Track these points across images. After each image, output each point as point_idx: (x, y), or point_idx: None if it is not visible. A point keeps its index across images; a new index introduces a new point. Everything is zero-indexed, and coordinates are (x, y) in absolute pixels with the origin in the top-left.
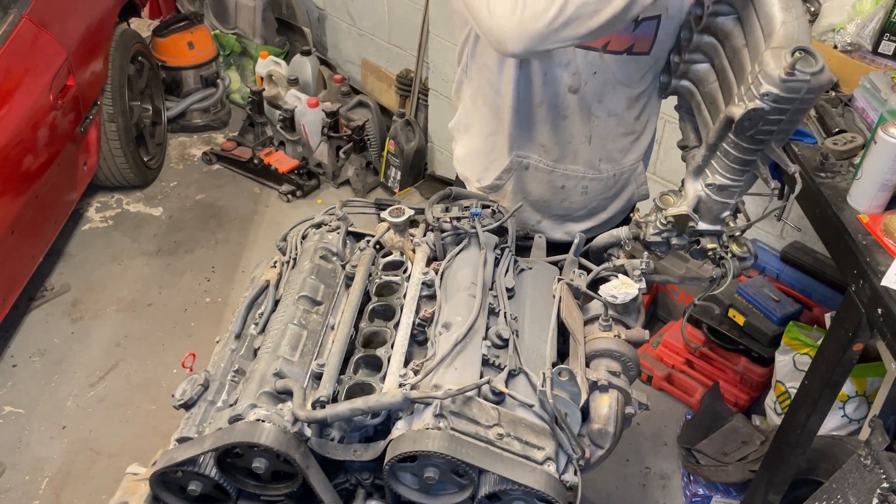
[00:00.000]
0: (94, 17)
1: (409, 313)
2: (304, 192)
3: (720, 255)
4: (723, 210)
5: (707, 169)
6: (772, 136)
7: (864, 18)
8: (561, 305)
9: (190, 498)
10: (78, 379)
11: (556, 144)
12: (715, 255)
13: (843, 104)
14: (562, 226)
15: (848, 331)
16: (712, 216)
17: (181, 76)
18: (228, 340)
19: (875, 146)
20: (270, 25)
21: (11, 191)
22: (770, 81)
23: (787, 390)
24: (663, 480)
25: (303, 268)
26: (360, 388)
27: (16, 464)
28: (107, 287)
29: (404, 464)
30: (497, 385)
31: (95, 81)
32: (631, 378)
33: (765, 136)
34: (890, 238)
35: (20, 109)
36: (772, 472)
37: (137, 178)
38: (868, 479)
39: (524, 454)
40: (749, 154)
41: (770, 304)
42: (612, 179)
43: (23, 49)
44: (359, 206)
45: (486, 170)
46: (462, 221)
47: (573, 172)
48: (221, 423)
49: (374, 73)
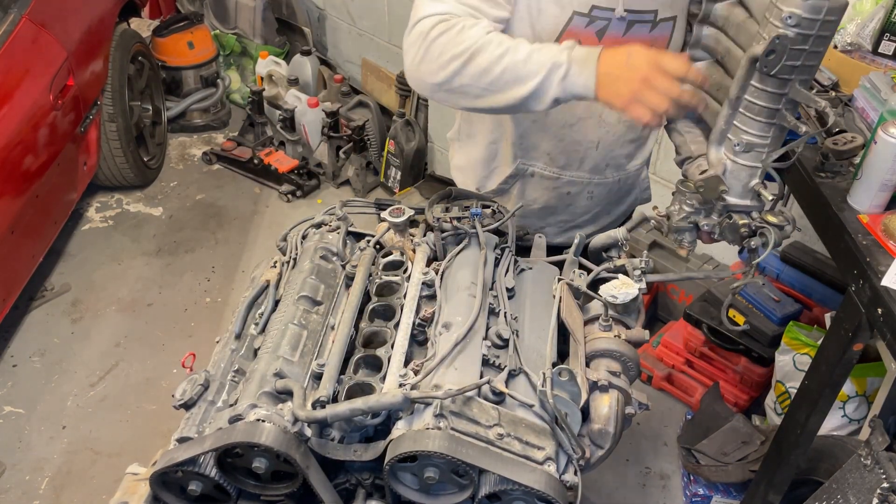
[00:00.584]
0: (94, 17)
1: (410, 313)
2: (304, 192)
3: (756, 226)
4: (751, 177)
5: (730, 131)
6: (795, 73)
7: (864, 18)
8: (561, 305)
9: (190, 498)
10: (78, 379)
11: (563, 152)
12: (749, 228)
13: (843, 104)
14: (565, 232)
15: (848, 331)
16: (741, 187)
17: (181, 76)
18: (228, 340)
19: (875, 146)
20: (270, 25)
21: (11, 191)
22: (792, 3)
23: (787, 390)
24: (663, 480)
25: (303, 268)
26: (360, 388)
27: (16, 464)
28: (107, 287)
29: (404, 464)
30: (497, 385)
31: (95, 81)
32: (631, 378)
33: (788, 74)
34: (890, 238)
35: (20, 109)
36: (772, 472)
37: (137, 178)
38: (868, 479)
39: (524, 454)
40: (774, 101)
41: (770, 304)
42: (616, 184)
43: (23, 49)
44: (359, 206)
45: (488, 177)
46: (462, 221)
47: (579, 178)
48: (221, 423)
49: (374, 73)
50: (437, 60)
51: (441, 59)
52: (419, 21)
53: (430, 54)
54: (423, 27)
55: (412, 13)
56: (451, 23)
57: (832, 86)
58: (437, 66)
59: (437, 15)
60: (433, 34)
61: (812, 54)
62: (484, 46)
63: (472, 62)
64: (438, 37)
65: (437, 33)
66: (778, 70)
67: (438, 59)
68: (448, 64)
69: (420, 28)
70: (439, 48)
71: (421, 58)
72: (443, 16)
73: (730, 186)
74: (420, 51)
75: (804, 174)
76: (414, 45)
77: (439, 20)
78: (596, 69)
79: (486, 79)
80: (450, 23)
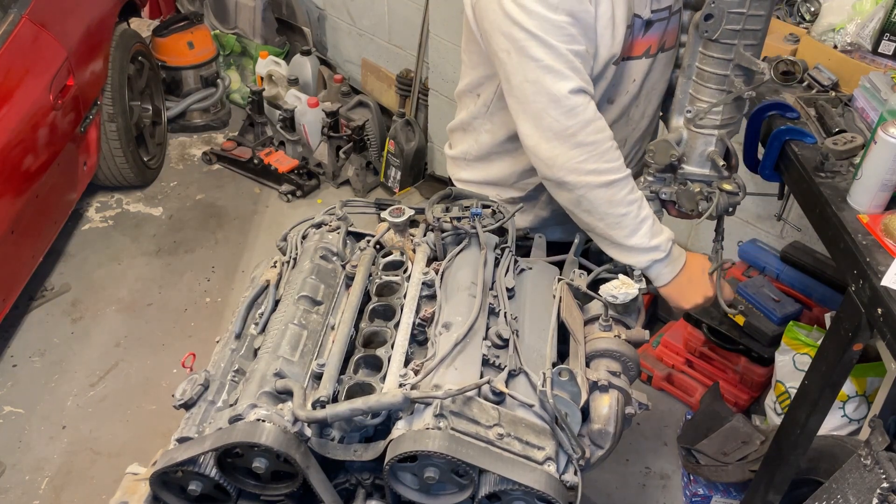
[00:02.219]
0: (94, 17)
1: (410, 313)
2: (304, 192)
3: (708, 191)
4: (706, 145)
5: (685, 100)
6: (738, 38)
7: (864, 18)
8: (561, 305)
9: (190, 498)
10: (78, 379)
11: None
12: (703, 195)
13: (843, 104)
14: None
15: (848, 331)
16: (697, 155)
17: (181, 76)
18: (228, 340)
19: (875, 146)
20: (270, 25)
21: (11, 191)
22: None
23: (787, 390)
24: (663, 480)
25: (303, 268)
26: (361, 388)
27: (16, 464)
28: (107, 287)
29: (404, 464)
30: (497, 385)
31: (95, 81)
32: (631, 378)
33: (730, 38)
34: (890, 238)
35: (20, 109)
36: (772, 472)
37: (137, 178)
38: (868, 479)
39: (524, 454)
40: (721, 66)
41: (770, 304)
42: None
43: (23, 49)
44: (359, 206)
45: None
46: (462, 221)
47: None
48: (221, 423)
49: (374, 73)
50: (577, 160)
51: (585, 165)
52: (568, 97)
53: (574, 151)
54: (575, 105)
55: (533, 79)
56: (601, 125)
57: (832, 86)
58: (575, 164)
59: (585, 94)
60: (589, 130)
61: (752, 18)
62: (622, 181)
63: (608, 189)
64: (592, 135)
65: (593, 131)
66: (719, 35)
67: (579, 162)
68: (587, 175)
69: (572, 105)
70: (586, 152)
71: (563, 145)
72: (588, 96)
73: (687, 155)
74: (567, 139)
75: (804, 174)
76: (563, 125)
77: (594, 112)
78: (678, 275)
79: (604, 209)
80: (600, 125)
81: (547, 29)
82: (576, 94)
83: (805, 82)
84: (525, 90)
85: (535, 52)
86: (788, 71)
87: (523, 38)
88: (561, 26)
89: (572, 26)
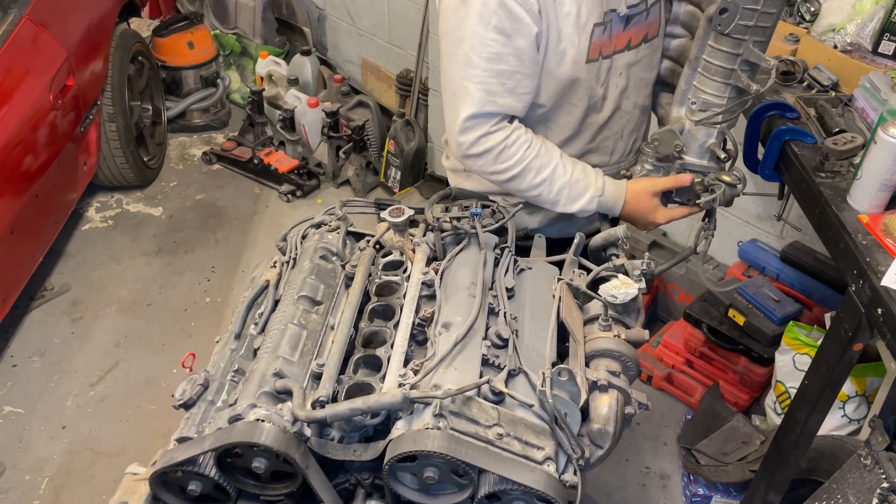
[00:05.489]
0: (94, 17)
1: (409, 313)
2: (304, 192)
3: (708, 183)
4: (708, 137)
5: (689, 92)
6: (748, 34)
7: (864, 18)
8: (561, 305)
9: (190, 498)
10: (78, 379)
11: (596, 151)
12: (703, 186)
13: (843, 104)
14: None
15: (848, 331)
16: (698, 146)
17: (181, 76)
18: (228, 340)
19: (875, 146)
20: (270, 25)
21: (11, 191)
22: None
23: (787, 390)
24: (663, 480)
25: (303, 268)
26: (360, 387)
27: (16, 464)
28: (107, 287)
29: (404, 464)
30: (497, 385)
31: (95, 81)
32: (631, 378)
33: (742, 34)
34: (890, 238)
35: (20, 109)
36: (772, 472)
37: (137, 178)
38: (868, 479)
39: (524, 454)
40: (729, 60)
41: (770, 304)
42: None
43: (23, 49)
44: (359, 206)
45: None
46: (462, 221)
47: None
48: (221, 423)
49: (374, 73)
50: (477, 165)
51: (485, 168)
52: (463, 120)
53: (470, 161)
54: (466, 128)
55: (451, 101)
56: (496, 135)
57: (832, 86)
58: (478, 168)
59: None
60: (479, 144)
61: (765, 15)
62: (522, 173)
63: (511, 182)
64: (483, 146)
65: (484, 142)
66: (731, 29)
67: (480, 167)
68: (490, 175)
69: (464, 128)
70: (482, 159)
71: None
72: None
73: (687, 146)
74: (464, 151)
75: (804, 174)
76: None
77: (490, 126)
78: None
79: (521, 193)
80: (495, 135)
81: (473, 45)
82: (470, 119)
83: (805, 82)
84: (445, 93)
85: (455, 66)
86: (788, 71)
87: (452, 46)
88: (487, 44)
89: (503, 46)
